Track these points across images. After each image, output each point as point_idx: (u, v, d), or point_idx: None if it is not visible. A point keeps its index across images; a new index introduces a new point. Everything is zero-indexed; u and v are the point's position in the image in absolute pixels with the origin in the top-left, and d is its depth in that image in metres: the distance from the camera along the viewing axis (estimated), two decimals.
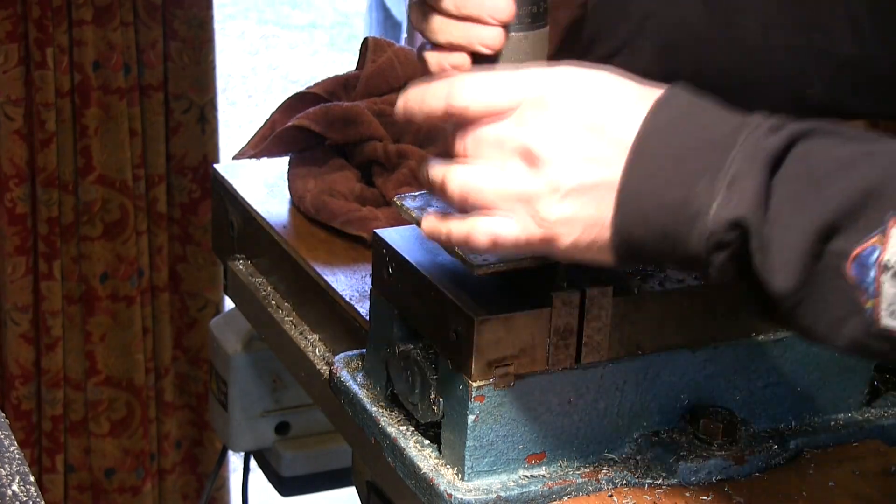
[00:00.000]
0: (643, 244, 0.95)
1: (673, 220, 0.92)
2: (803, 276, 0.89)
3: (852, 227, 0.87)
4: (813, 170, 0.90)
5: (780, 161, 0.90)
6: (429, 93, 1.00)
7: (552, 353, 1.12)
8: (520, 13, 1.05)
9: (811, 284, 0.89)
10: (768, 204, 0.89)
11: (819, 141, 0.91)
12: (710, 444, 1.18)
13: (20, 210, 2.57)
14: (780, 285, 0.89)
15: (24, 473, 1.05)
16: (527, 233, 0.98)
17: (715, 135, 0.92)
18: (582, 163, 0.94)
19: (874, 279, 0.87)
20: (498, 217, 0.98)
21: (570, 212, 0.96)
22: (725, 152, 0.91)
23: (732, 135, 0.92)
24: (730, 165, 0.90)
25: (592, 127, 0.95)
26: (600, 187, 0.95)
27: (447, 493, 1.12)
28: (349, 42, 6.69)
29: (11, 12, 2.45)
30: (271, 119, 1.76)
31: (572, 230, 0.97)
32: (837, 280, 0.88)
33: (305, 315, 1.51)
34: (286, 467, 1.90)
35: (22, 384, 2.67)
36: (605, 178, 0.94)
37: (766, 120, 0.93)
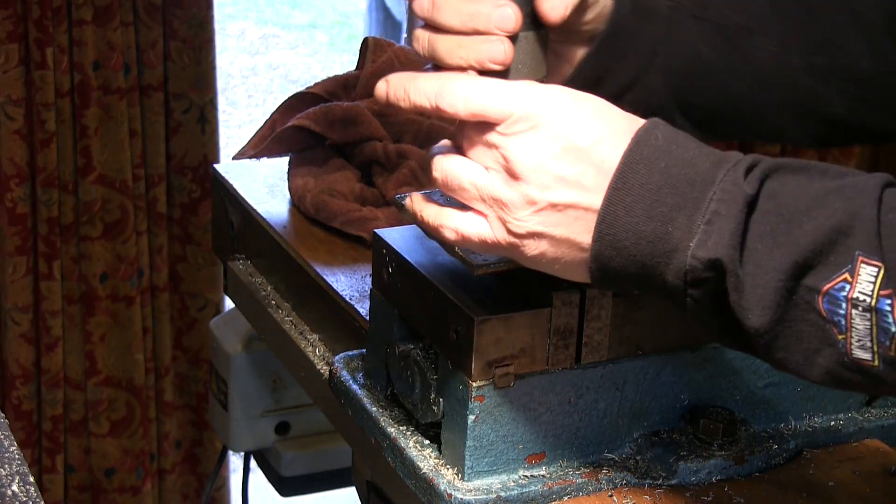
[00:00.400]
0: (620, 272, 0.97)
1: (650, 253, 0.95)
2: (778, 313, 0.91)
3: (823, 264, 0.90)
4: (784, 207, 0.92)
5: (755, 201, 0.93)
6: (419, 85, 1.02)
7: (552, 353, 1.12)
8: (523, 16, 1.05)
9: (785, 320, 0.92)
10: (744, 244, 0.92)
11: (788, 178, 0.94)
12: (710, 444, 1.18)
13: (20, 210, 2.57)
14: (756, 322, 0.92)
15: (24, 474, 1.05)
16: (494, 236, 1.00)
17: (694, 171, 0.95)
18: (559, 183, 0.97)
19: (845, 314, 0.89)
20: (470, 214, 1.01)
21: (539, 227, 0.98)
22: (704, 190, 0.94)
23: (711, 172, 0.94)
24: (708, 204, 0.93)
25: (575, 150, 0.97)
26: (575, 208, 0.97)
27: (447, 493, 1.12)
28: (349, 42, 6.69)
29: (11, 12, 2.45)
30: (271, 119, 1.76)
31: (539, 245, 0.99)
32: (810, 314, 0.91)
33: (305, 315, 1.51)
34: (286, 467, 1.90)
35: (22, 384, 2.67)
36: (581, 201, 0.97)
37: (743, 158, 0.95)
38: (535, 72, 1.08)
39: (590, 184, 0.97)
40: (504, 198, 0.98)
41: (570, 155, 0.97)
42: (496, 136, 0.99)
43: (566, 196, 0.97)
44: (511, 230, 0.99)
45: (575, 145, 0.97)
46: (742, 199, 0.92)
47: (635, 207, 0.95)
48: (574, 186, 0.97)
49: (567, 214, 0.97)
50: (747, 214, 0.92)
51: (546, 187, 0.97)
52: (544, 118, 0.98)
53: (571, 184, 0.97)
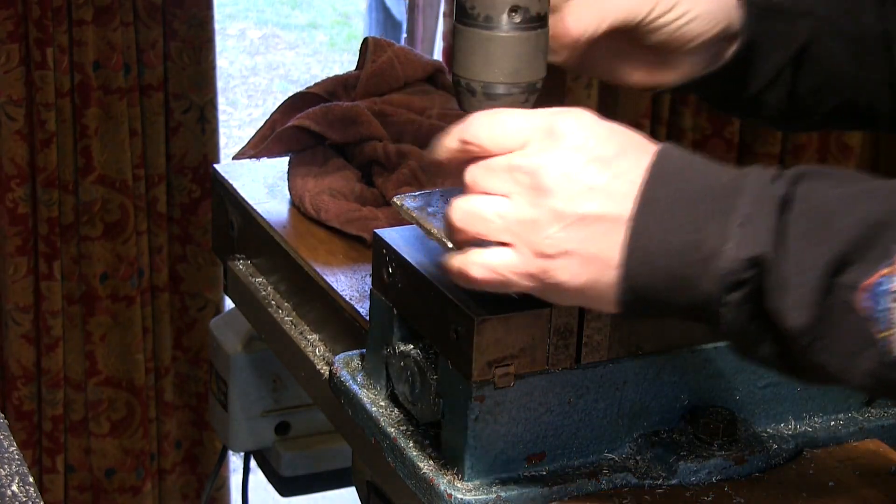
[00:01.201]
0: (651, 290, 0.96)
1: (683, 264, 0.93)
2: (817, 312, 0.90)
3: (862, 259, 0.89)
4: (819, 208, 0.91)
5: (788, 202, 0.92)
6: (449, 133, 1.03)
7: (552, 353, 1.12)
8: (531, 14, 1.05)
9: (824, 320, 0.90)
10: (784, 241, 0.91)
11: (817, 182, 0.93)
12: (710, 444, 1.18)
13: (21, 210, 2.57)
14: (796, 322, 0.90)
15: (24, 474, 1.05)
16: (524, 265, 0.98)
17: (720, 181, 0.95)
18: (588, 193, 0.96)
19: (886, 309, 0.88)
20: (494, 248, 0.99)
21: (570, 244, 0.96)
22: (734, 196, 0.93)
23: (736, 181, 0.94)
24: (740, 208, 0.92)
25: (601, 159, 0.96)
26: (605, 220, 0.96)
27: (447, 493, 1.12)
28: (349, 42, 6.69)
29: (12, 12, 2.45)
30: (271, 119, 1.76)
31: (570, 264, 0.97)
32: (849, 314, 0.89)
33: (305, 315, 1.51)
34: (286, 467, 1.90)
35: (23, 384, 2.68)
36: (610, 211, 0.96)
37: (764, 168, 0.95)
38: (535, 72, 1.08)
39: (617, 193, 0.96)
40: (531, 217, 0.97)
41: (595, 165, 0.96)
42: (518, 157, 0.98)
43: (595, 206, 0.96)
44: (540, 251, 0.97)
45: (599, 156, 0.96)
46: (775, 201, 0.92)
47: (665, 219, 0.94)
48: (603, 196, 0.96)
49: (597, 228, 0.96)
50: (781, 215, 0.92)
51: (574, 198, 0.96)
52: (566, 132, 0.97)
53: (600, 193, 0.96)
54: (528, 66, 1.07)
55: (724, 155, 2.89)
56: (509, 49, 1.06)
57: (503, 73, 1.07)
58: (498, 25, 1.06)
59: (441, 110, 1.70)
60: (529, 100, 1.09)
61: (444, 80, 1.79)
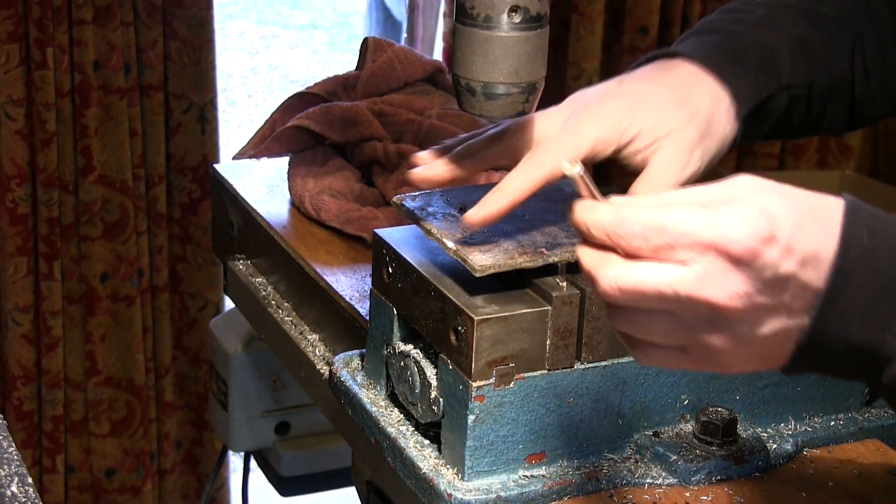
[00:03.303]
0: (820, 371, 0.94)
1: (861, 359, 0.91)
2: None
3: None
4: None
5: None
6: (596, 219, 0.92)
7: (552, 353, 1.12)
8: (531, 14, 1.05)
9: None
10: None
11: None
12: (710, 444, 1.18)
13: (21, 210, 2.57)
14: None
15: (23, 475, 1.05)
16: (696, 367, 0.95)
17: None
18: (767, 314, 0.90)
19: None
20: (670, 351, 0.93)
21: (746, 358, 0.93)
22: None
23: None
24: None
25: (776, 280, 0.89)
26: (783, 332, 0.92)
27: (447, 493, 1.12)
28: (349, 42, 6.69)
29: (12, 12, 2.45)
30: (271, 119, 1.76)
31: (743, 366, 0.94)
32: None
33: (305, 315, 1.51)
34: (286, 467, 1.90)
35: (23, 385, 2.67)
36: (789, 325, 0.91)
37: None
38: (535, 72, 1.08)
39: (798, 306, 0.90)
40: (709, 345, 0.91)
41: (772, 285, 0.89)
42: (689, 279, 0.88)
43: (775, 325, 0.91)
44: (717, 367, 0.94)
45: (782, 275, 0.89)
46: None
47: (848, 318, 0.90)
48: (783, 314, 0.90)
49: (774, 340, 0.91)
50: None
51: (754, 324, 0.90)
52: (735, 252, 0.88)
53: (780, 312, 0.90)
54: (527, 66, 1.07)
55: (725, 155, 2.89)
56: (509, 49, 1.06)
57: (503, 73, 1.07)
58: (498, 25, 1.06)
59: (441, 110, 1.70)
60: (530, 100, 1.09)
61: (444, 80, 1.79)
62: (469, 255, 1.10)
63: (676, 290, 0.88)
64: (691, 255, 0.88)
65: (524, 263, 1.11)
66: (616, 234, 0.89)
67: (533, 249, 1.12)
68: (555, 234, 1.15)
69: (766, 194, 0.90)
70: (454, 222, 1.16)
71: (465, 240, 1.13)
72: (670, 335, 0.91)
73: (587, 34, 2.87)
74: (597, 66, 2.90)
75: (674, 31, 2.97)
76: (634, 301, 0.90)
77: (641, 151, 1.15)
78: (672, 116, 1.16)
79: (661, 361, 0.94)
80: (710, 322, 0.90)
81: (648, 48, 2.95)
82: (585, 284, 1.11)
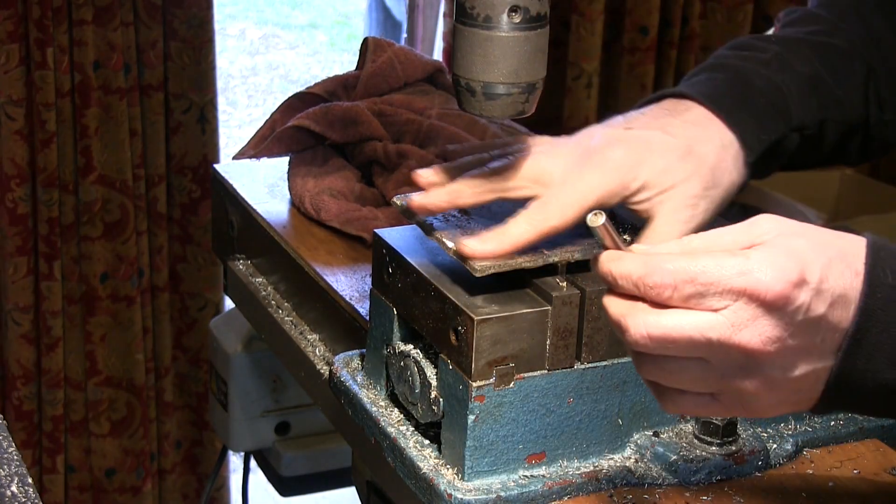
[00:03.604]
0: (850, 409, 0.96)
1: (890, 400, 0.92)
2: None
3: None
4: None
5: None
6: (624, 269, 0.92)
7: (552, 353, 1.12)
8: (532, 14, 1.05)
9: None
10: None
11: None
12: (710, 444, 1.18)
13: (21, 210, 2.57)
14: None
15: (23, 475, 1.05)
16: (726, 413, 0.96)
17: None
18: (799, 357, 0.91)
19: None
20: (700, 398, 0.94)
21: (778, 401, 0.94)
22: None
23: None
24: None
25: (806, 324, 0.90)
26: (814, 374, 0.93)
27: (447, 493, 1.12)
28: (349, 42, 6.69)
29: (12, 12, 2.45)
30: (271, 119, 1.76)
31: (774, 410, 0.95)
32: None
33: (305, 315, 1.51)
34: (286, 467, 1.90)
35: (23, 384, 2.68)
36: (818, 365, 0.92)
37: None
38: (535, 72, 1.08)
39: (827, 347, 0.91)
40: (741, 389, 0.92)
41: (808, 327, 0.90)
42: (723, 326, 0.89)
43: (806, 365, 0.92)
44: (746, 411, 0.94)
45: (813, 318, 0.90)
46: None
47: (875, 357, 0.91)
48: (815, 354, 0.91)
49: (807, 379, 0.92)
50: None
51: (787, 368, 0.91)
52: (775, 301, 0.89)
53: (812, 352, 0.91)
54: (527, 65, 1.07)
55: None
56: (509, 49, 1.06)
57: (503, 73, 1.07)
58: (498, 25, 1.06)
59: (441, 110, 1.70)
60: (529, 100, 1.09)
61: (444, 80, 1.79)
62: None
63: (709, 336, 0.89)
64: (723, 302, 0.88)
65: (524, 263, 1.11)
66: (645, 284, 0.90)
67: (533, 249, 1.12)
68: None
69: (793, 237, 0.90)
70: (454, 222, 1.16)
71: (465, 240, 1.13)
72: (701, 382, 0.92)
73: (587, 34, 2.87)
74: (597, 66, 2.90)
75: (674, 31, 2.97)
76: (664, 349, 0.90)
77: (646, 202, 1.16)
78: (678, 168, 1.16)
79: (690, 409, 0.95)
80: (743, 368, 0.90)
81: (648, 48, 2.95)
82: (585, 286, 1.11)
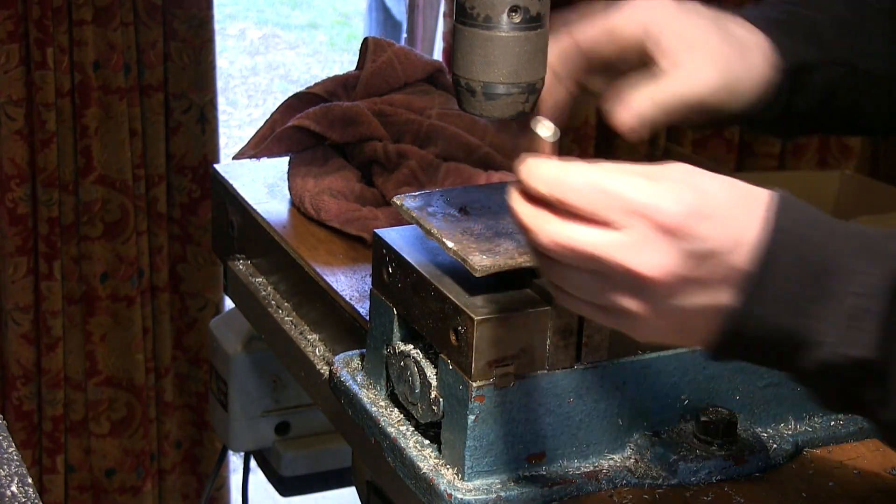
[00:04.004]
0: (746, 357, 0.96)
1: (785, 343, 0.93)
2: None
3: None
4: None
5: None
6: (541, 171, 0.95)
7: (552, 353, 1.12)
8: (531, 14, 1.05)
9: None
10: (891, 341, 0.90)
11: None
12: (710, 444, 1.18)
13: (21, 210, 2.57)
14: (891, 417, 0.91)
15: (23, 475, 1.05)
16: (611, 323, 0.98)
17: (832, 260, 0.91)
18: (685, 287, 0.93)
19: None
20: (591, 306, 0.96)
21: (663, 324, 0.95)
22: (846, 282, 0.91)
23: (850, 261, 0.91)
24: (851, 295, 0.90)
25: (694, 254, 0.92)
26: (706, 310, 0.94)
27: (447, 493, 1.12)
28: (349, 42, 6.69)
29: (12, 12, 2.45)
30: (271, 119, 1.76)
31: (661, 337, 0.97)
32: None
33: (305, 315, 1.51)
34: (286, 467, 1.90)
35: (23, 384, 2.67)
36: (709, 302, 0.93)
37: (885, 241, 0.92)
38: (535, 72, 1.08)
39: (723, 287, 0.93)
40: (626, 308, 0.94)
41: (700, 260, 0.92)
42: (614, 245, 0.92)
43: (693, 299, 0.93)
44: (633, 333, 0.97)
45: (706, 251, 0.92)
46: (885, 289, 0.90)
47: (773, 303, 0.92)
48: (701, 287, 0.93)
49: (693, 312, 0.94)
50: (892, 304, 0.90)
51: (676, 297, 0.93)
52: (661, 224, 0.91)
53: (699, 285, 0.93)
54: (527, 66, 1.07)
55: (725, 155, 2.89)
56: (509, 49, 1.06)
57: (502, 74, 1.07)
58: (497, 25, 1.06)
59: (441, 110, 1.70)
60: (529, 100, 1.09)
61: (444, 80, 1.79)
62: (469, 255, 1.10)
63: (605, 254, 0.92)
64: (624, 220, 0.91)
65: (524, 263, 1.11)
66: (558, 187, 0.93)
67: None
68: None
69: (702, 176, 0.93)
70: (454, 222, 1.16)
71: (465, 240, 1.13)
72: (594, 295, 0.95)
73: None
74: None
75: None
76: (566, 258, 0.93)
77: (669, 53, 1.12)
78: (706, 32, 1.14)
79: (581, 311, 0.99)
80: (633, 288, 0.93)
81: None
82: None
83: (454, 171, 1.61)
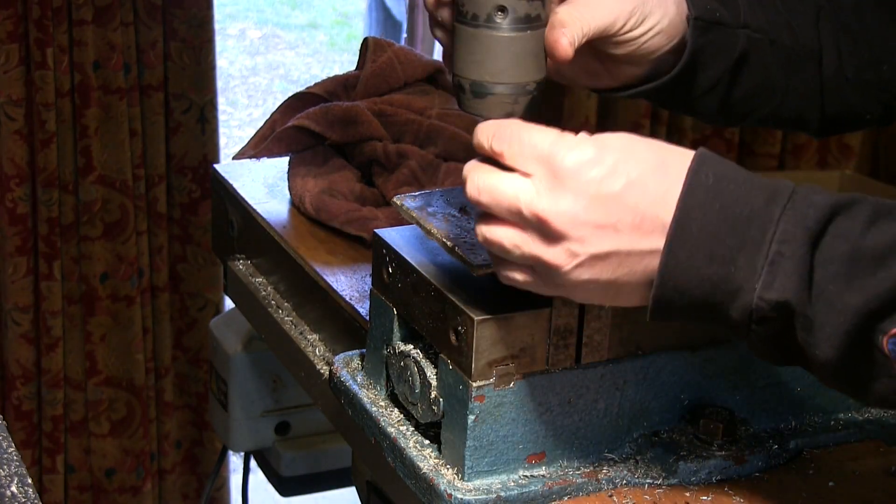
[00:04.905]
0: (681, 311, 0.99)
1: (713, 294, 0.96)
2: (843, 350, 0.94)
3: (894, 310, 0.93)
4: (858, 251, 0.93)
5: (819, 236, 0.94)
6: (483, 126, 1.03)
7: (552, 353, 1.12)
8: (518, 15, 1.05)
9: (850, 354, 0.94)
10: (811, 285, 0.93)
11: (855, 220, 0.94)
12: (710, 444, 1.18)
13: (21, 210, 2.57)
14: (822, 357, 0.94)
15: (22, 475, 1.05)
16: (543, 289, 1.03)
17: (750, 209, 0.95)
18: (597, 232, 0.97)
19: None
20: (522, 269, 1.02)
21: (586, 277, 0.99)
22: (764, 229, 0.94)
23: (767, 210, 0.95)
24: (770, 245, 0.94)
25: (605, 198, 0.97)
26: (616, 255, 0.98)
27: (447, 493, 1.12)
28: (349, 42, 6.69)
29: (12, 12, 2.45)
30: (271, 119, 1.76)
31: (588, 294, 1.01)
32: (874, 352, 0.93)
33: (305, 315, 1.51)
34: (286, 467, 1.90)
35: (23, 384, 2.68)
36: (620, 247, 0.98)
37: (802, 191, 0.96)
38: (523, 74, 1.08)
39: (626, 229, 0.97)
40: (545, 260, 0.99)
41: (601, 204, 0.97)
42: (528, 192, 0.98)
43: (605, 245, 0.97)
44: (558, 288, 1.01)
45: (605, 194, 0.96)
46: (806, 239, 0.93)
47: (696, 252, 0.95)
48: (611, 234, 0.97)
49: (610, 261, 0.98)
50: (812, 254, 0.93)
51: (584, 242, 0.97)
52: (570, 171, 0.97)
53: (608, 231, 0.97)
54: (515, 67, 1.07)
55: (724, 155, 2.88)
56: (493, 48, 1.06)
57: (488, 72, 1.07)
58: (484, 24, 1.06)
59: (441, 110, 1.70)
60: (519, 101, 1.08)
61: (444, 80, 1.79)
62: (469, 255, 1.10)
63: (517, 197, 0.98)
64: (530, 167, 0.98)
65: None
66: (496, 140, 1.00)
67: None
68: None
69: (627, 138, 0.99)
70: (454, 222, 1.16)
71: (465, 240, 1.13)
72: (517, 249, 0.99)
73: None
74: None
75: None
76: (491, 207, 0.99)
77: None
78: None
79: (517, 280, 1.02)
80: (547, 237, 0.97)
81: None
82: None
83: (454, 171, 1.61)
